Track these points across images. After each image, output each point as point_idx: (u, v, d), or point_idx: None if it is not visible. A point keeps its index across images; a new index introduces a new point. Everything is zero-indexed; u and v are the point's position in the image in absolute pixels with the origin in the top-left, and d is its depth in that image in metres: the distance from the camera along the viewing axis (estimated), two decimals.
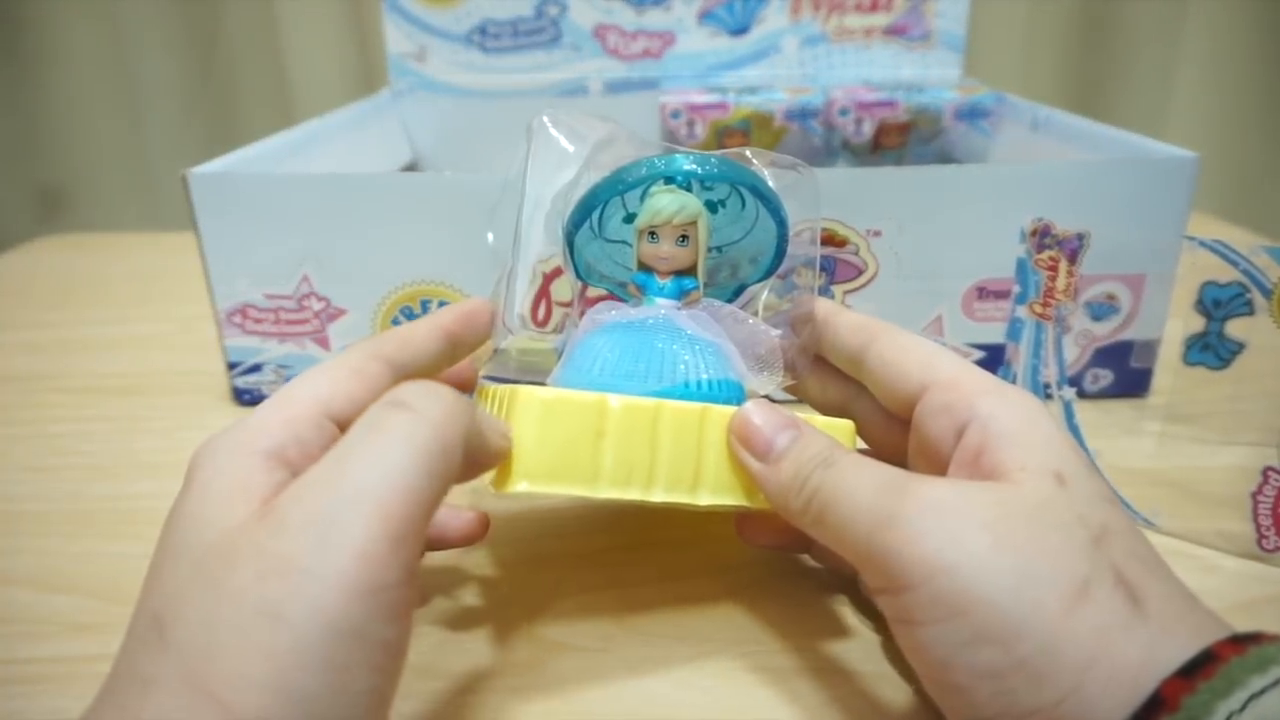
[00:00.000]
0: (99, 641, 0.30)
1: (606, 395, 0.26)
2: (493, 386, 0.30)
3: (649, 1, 0.68)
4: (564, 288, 0.44)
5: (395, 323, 0.44)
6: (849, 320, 0.29)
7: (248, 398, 0.46)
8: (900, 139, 0.66)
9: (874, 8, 0.69)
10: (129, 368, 0.52)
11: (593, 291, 0.34)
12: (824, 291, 0.44)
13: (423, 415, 0.20)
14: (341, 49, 0.97)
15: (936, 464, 0.24)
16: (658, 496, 0.27)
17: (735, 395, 0.28)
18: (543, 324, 0.45)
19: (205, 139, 1.00)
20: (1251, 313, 0.37)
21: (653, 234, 0.29)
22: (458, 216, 0.42)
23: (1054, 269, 0.36)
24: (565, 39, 0.69)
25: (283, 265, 0.43)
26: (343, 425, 0.22)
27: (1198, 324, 0.39)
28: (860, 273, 0.44)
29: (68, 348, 0.55)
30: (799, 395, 0.32)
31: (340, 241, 0.43)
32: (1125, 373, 0.46)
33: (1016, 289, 0.37)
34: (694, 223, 0.29)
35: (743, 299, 0.32)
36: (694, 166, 0.29)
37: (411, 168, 0.71)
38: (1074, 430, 0.37)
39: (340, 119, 0.61)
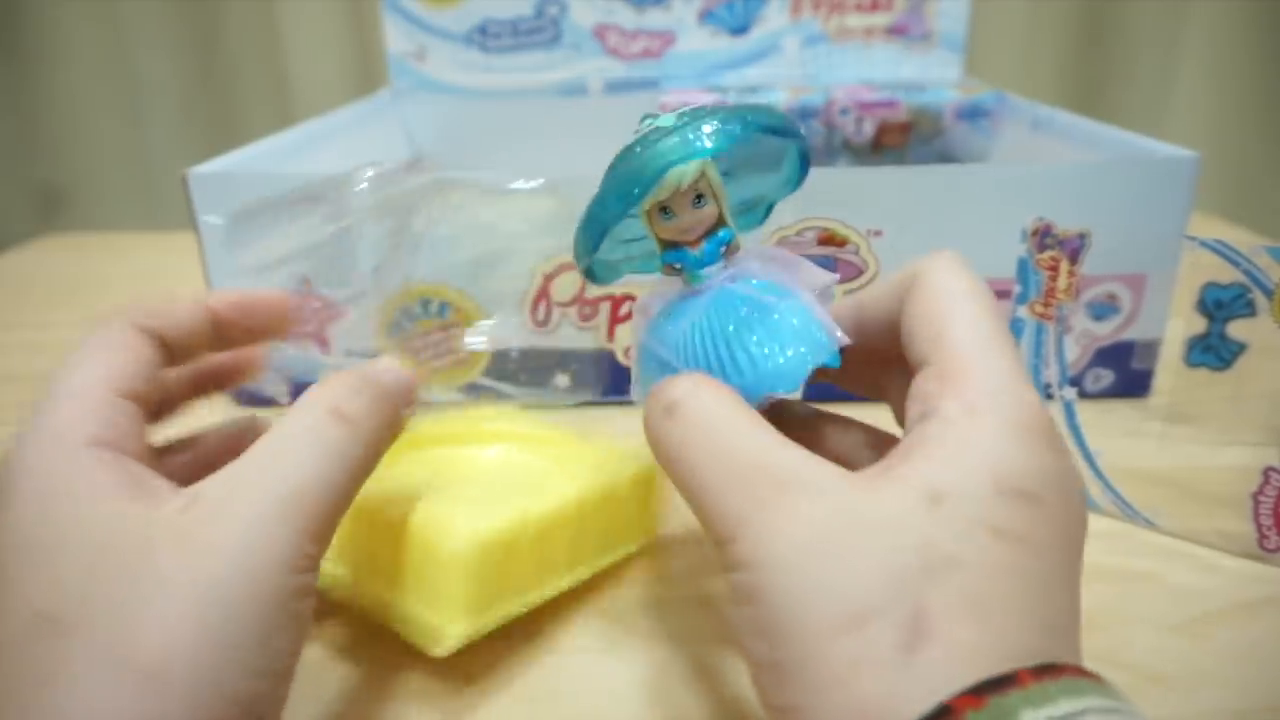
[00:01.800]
0: None
1: (524, 511, 0.28)
2: (387, 513, 0.29)
3: (649, 1, 0.68)
4: (564, 288, 0.44)
5: (395, 323, 0.44)
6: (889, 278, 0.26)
7: (247, 397, 0.46)
8: (901, 139, 0.66)
9: (874, 7, 0.69)
10: None
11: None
12: None
13: (360, 431, 0.23)
14: (341, 49, 0.97)
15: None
16: (582, 575, 0.31)
17: (832, 352, 0.25)
18: (542, 324, 0.45)
19: (205, 139, 0.99)
20: (1253, 313, 0.37)
21: (664, 210, 0.25)
22: (457, 216, 0.42)
23: (1055, 269, 0.36)
24: (565, 39, 0.69)
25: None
26: (133, 398, 0.24)
27: (1199, 325, 0.39)
28: (861, 273, 0.44)
29: (68, 348, 0.55)
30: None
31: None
32: (1126, 373, 0.46)
33: (1017, 289, 0.37)
34: (702, 176, 0.25)
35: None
36: (709, 143, 0.24)
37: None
38: (1075, 430, 0.37)
39: (340, 119, 0.61)
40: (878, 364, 0.27)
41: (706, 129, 0.25)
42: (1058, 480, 0.20)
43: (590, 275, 0.28)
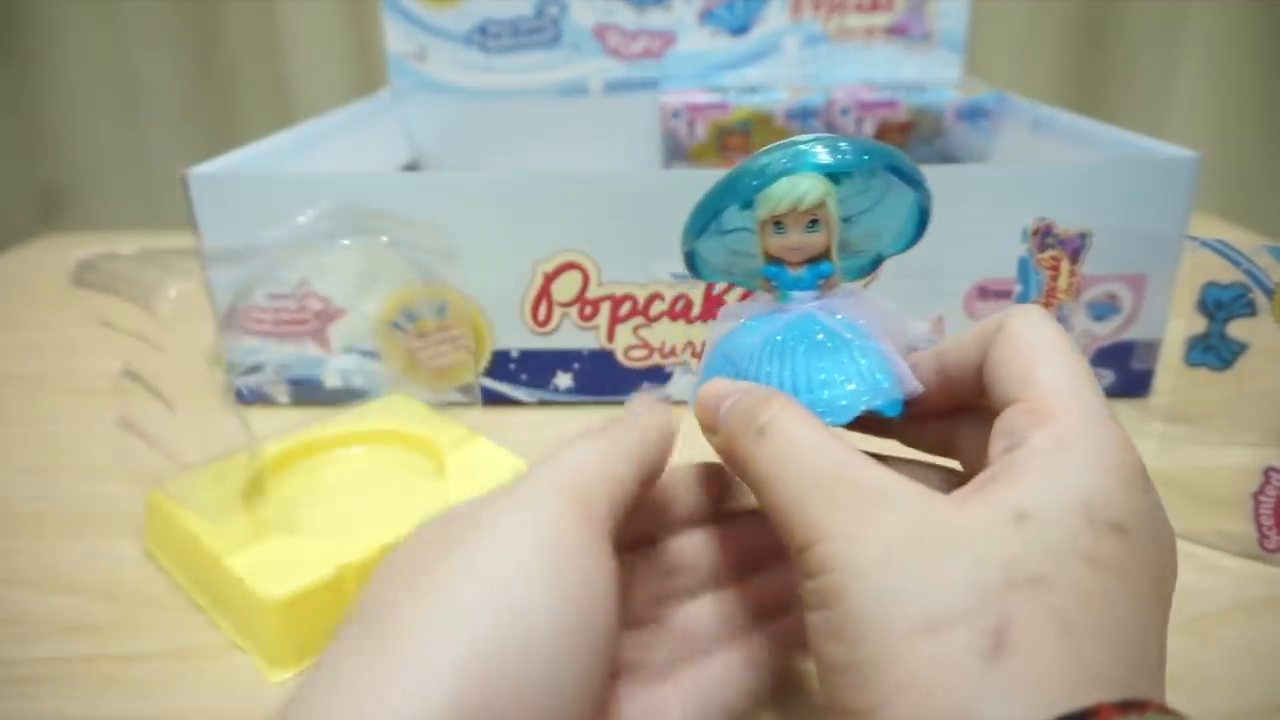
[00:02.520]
0: (97, 643, 0.30)
1: (342, 566, 0.30)
2: (215, 551, 0.31)
3: (649, 1, 0.68)
4: (565, 288, 0.44)
5: (395, 322, 0.44)
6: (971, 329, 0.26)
7: (247, 398, 0.46)
8: (901, 139, 0.66)
9: (874, 8, 0.69)
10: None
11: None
12: None
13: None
14: (341, 49, 0.97)
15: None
16: None
17: (893, 399, 0.26)
18: (543, 324, 0.45)
19: (205, 139, 0.99)
20: (1253, 313, 0.37)
21: (778, 225, 0.26)
22: (458, 216, 0.42)
23: (1055, 269, 0.36)
24: (565, 39, 0.69)
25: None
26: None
27: (1200, 325, 0.39)
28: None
29: (67, 348, 0.55)
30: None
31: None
32: (1127, 373, 0.46)
33: (1018, 288, 0.37)
34: (822, 204, 0.26)
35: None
36: (828, 158, 0.26)
37: (411, 167, 0.71)
38: None
39: (340, 119, 0.61)
40: (952, 415, 0.27)
41: (828, 149, 0.26)
42: (1148, 517, 0.20)
43: (689, 262, 0.29)
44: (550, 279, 0.44)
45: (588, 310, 0.45)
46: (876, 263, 0.30)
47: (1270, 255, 0.34)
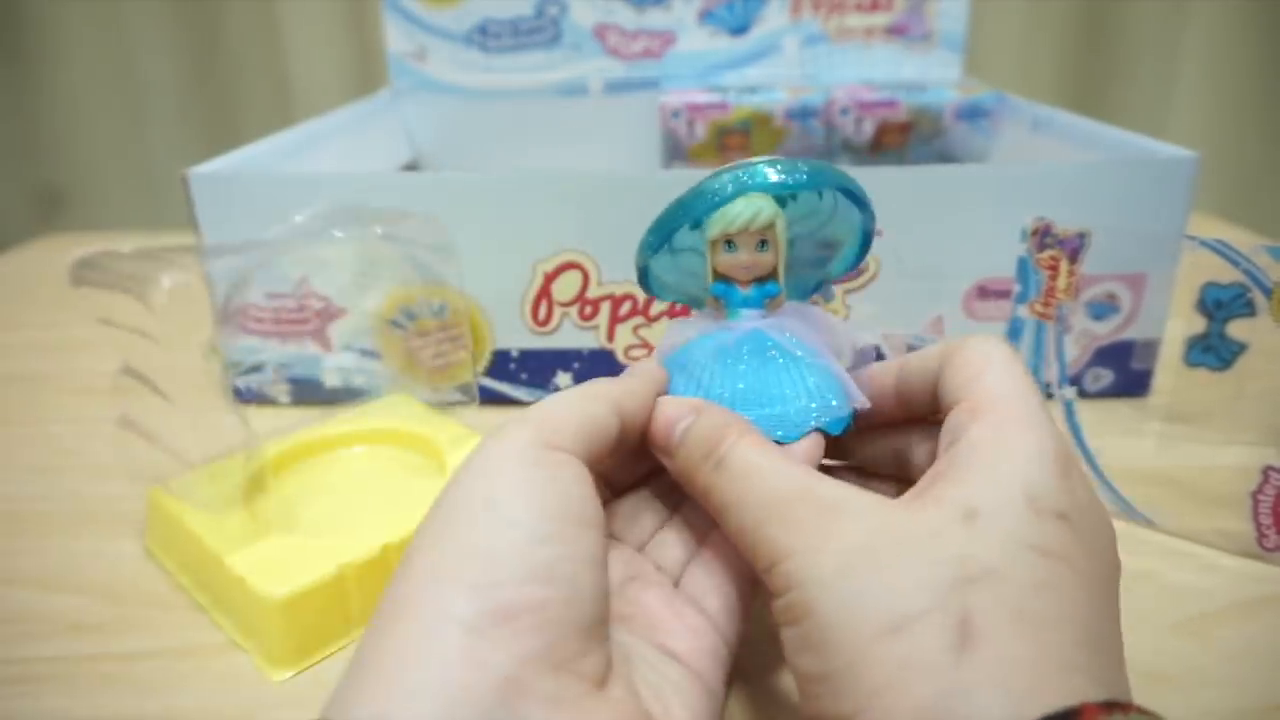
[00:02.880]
0: (99, 642, 0.30)
1: (343, 565, 0.30)
2: (217, 550, 0.31)
3: (649, 1, 0.68)
4: (565, 288, 0.44)
5: (394, 320, 0.44)
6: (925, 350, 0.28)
7: (247, 397, 0.47)
8: (900, 139, 0.66)
9: (874, 7, 0.69)
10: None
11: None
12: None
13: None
14: (341, 49, 0.97)
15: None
16: None
17: (841, 416, 0.27)
18: (543, 324, 0.45)
19: (205, 139, 0.99)
20: (1253, 313, 0.37)
21: (729, 243, 0.28)
22: (458, 216, 0.42)
23: (1055, 268, 0.36)
24: (565, 39, 0.69)
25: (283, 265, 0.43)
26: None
27: (1199, 325, 0.39)
28: (861, 272, 0.44)
29: (68, 348, 0.55)
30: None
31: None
32: (1126, 372, 0.46)
33: (1017, 288, 0.37)
34: (772, 226, 0.27)
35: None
36: (781, 177, 0.27)
37: (411, 167, 0.71)
38: (1074, 430, 0.37)
39: (340, 119, 0.61)
40: (907, 427, 0.28)
41: (778, 170, 0.27)
42: (1088, 507, 0.21)
43: (642, 278, 0.30)
44: (550, 279, 0.44)
45: (588, 310, 0.45)
46: (821, 284, 0.31)
47: (1269, 255, 0.34)
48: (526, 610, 0.20)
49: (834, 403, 0.27)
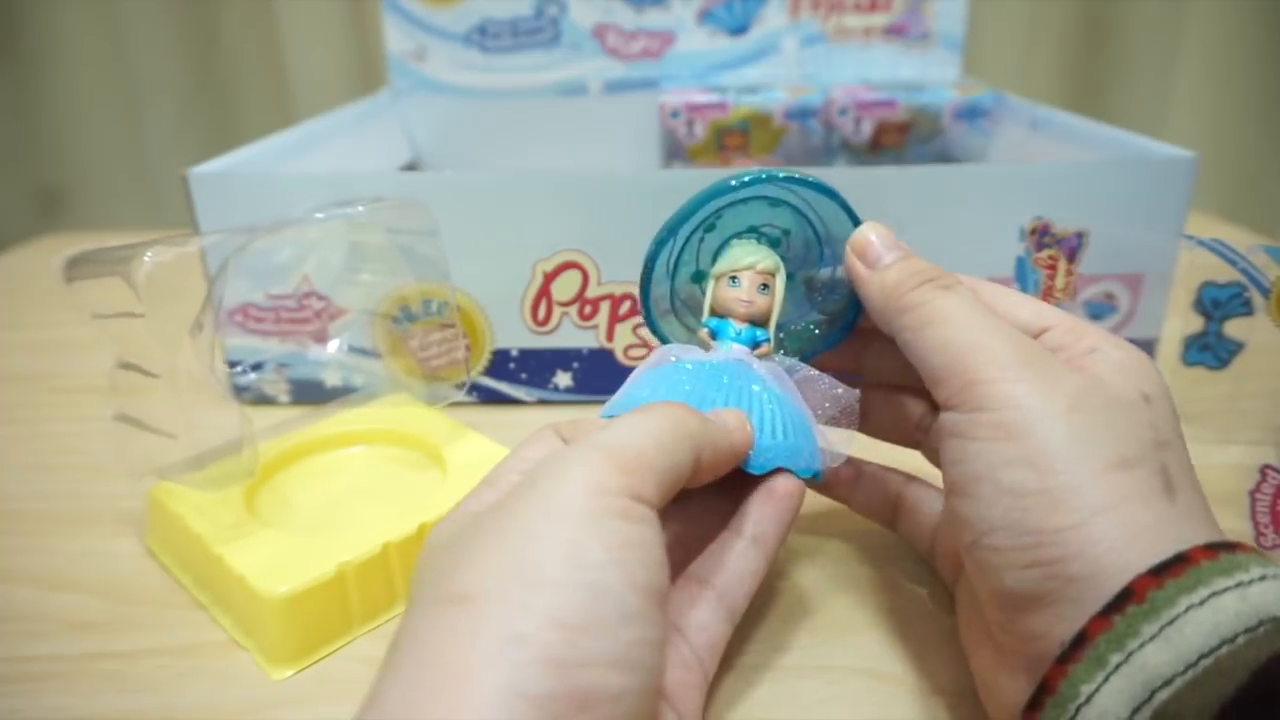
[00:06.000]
0: (99, 640, 0.31)
1: (343, 564, 0.30)
2: (216, 549, 0.31)
3: (649, 1, 0.68)
4: (564, 287, 0.45)
5: (395, 320, 0.44)
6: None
7: (247, 396, 0.47)
8: (899, 138, 0.66)
9: (873, 7, 0.69)
10: None
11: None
12: None
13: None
14: (341, 49, 0.97)
15: None
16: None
17: (810, 468, 0.28)
18: (543, 323, 0.45)
19: (205, 139, 0.99)
20: (1250, 312, 0.37)
21: (734, 278, 0.30)
22: (458, 216, 0.42)
23: (1053, 268, 0.36)
24: (565, 39, 0.69)
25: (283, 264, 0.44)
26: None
27: (1196, 324, 0.39)
28: None
29: (68, 348, 0.55)
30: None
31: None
32: None
33: (1015, 287, 0.37)
34: (774, 273, 0.30)
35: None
36: (791, 172, 0.29)
37: (411, 167, 0.71)
38: None
39: (340, 119, 0.61)
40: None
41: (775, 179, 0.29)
42: None
43: (643, 286, 0.31)
44: (550, 279, 0.44)
45: (587, 309, 0.45)
46: (804, 359, 0.32)
47: (1267, 255, 0.34)
48: (605, 699, 0.18)
49: (806, 452, 0.28)
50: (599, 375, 0.46)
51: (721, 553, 0.27)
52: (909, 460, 0.32)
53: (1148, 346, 0.45)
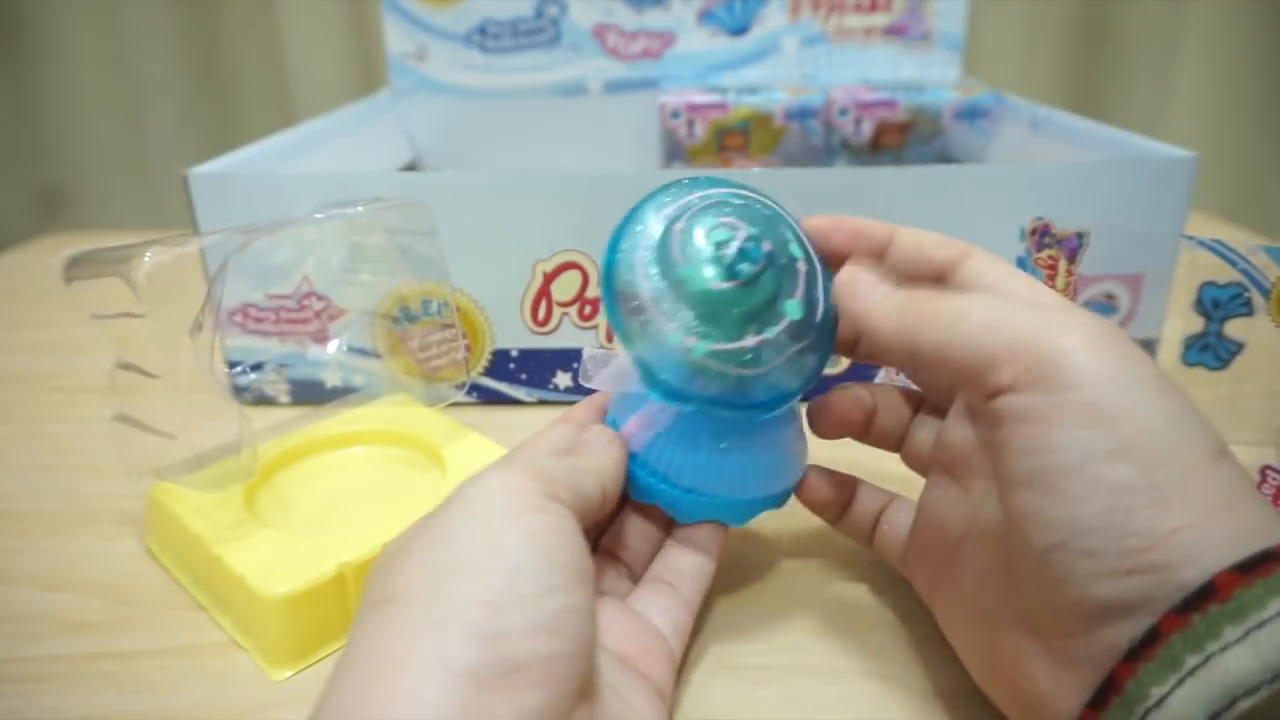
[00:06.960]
0: (99, 640, 0.31)
1: (342, 564, 0.30)
2: (215, 549, 0.31)
3: (649, 1, 0.68)
4: (565, 287, 0.45)
5: (395, 320, 0.44)
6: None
7: (247, 396, 0.47)
8: (899, 139, 0.66)
9: (873, 8, 0.69)
10: None
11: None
12: None
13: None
14: (341, 49, 0.97)
15: None
16: None
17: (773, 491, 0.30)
18: (543, 324, 0.45)
19: (205, 139, 0.99)
20: (1250, 313, 0.37)
21: None
22: (458, 216, 0.42)
23: (1053, 268, 0.36)
24: (565, 39, 0.69)
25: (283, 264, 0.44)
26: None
27: (1197, 324, 0.39)
28: None
29: (67, 348, 0.55)
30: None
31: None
32: None
33: None
34: None
35: None
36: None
37: (411, 167, 0.71)
38: None
39: (340, 119, 0.61)
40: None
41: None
42: None
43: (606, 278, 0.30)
44: (550, 279, 0.44)
45: (587, 310, 0.45)
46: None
47: (1267, 255, 0.34)
48: (533, 664, 0.19)
49: (777, 488, 0.29)
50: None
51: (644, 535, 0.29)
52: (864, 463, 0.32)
53: (1148, 347, 0.45)
